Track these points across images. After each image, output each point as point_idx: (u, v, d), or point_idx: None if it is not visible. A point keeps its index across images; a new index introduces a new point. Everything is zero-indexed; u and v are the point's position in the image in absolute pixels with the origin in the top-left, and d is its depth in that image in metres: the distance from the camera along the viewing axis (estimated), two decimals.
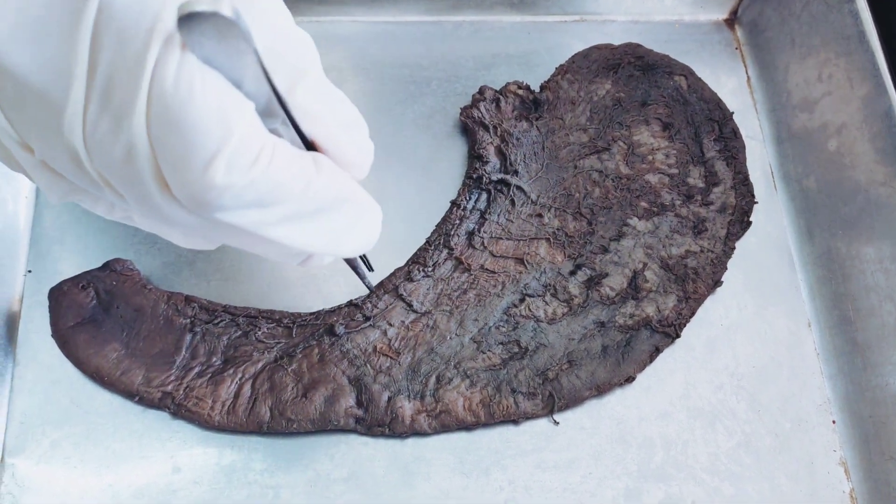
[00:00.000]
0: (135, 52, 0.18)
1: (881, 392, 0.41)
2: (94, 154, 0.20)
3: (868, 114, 0.43)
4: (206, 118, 0.19)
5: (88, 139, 0.20)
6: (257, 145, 0.20)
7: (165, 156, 0.19)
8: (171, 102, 0.18)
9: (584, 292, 0.42)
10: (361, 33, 0.51)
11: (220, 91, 0.19)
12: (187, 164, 0.19)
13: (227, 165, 0.19)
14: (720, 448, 0.40)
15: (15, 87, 0.19)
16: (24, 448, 0.38)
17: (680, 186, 0.46)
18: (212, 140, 0.19)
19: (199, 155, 0.19)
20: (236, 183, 0.20)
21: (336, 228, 0.24)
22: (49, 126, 0.20)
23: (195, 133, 0.19)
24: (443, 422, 0.39)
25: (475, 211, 0.44)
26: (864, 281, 0.43)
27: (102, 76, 0.19)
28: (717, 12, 0.54)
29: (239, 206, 0.21)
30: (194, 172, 0.19)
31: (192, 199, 0.20)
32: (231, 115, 0.19)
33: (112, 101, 0.19)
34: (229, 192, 0.20)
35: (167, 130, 0.19)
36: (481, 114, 0.46)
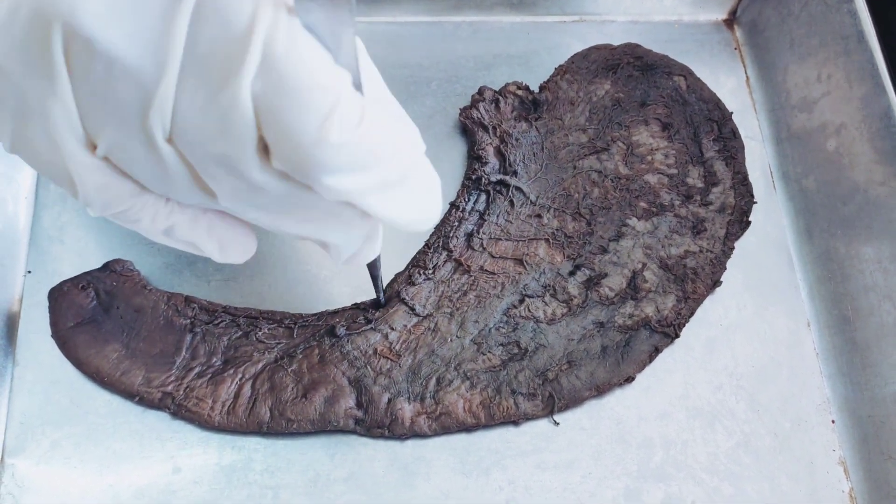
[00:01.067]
0: (242, 22, 0.18)
1: (880, 392, 0.41)
2: (181, 130, 0.20)
3: (867, 114, 0.43)
4: (318, 80, 0.19)
5: (177, 115, 0.20)
6: (360, 105, 0.20)
7: (275, 121, 0.19)
8: (283, 67, 0.19)
9: (584, 293, 0.42)
10: (361, 33, 0.50)
11: (324, 55, 0.19)
12: (300, 124, 0.19)
13: (340, 124, 0.20)
14: (720, 448, 0.41)
15: (106, 67, 0.19)
16: (24, 448, 0.38)
17: (679, 186, 0.46)
18: (325, 100, 0.19)
19: (314, 116, 0.19)
20: (348, 141, 0.20)
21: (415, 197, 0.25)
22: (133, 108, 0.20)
23: (309, 95, 0.19)
24: (443, 424, 0.39)
25: (474, 212, 0.44)
26: (863, 280, 0.43)
27: (203, 49, 0.19)
28: (716, 12, 0.54)
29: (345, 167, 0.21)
30: (309, 132, 0.19)
31: (305, 163, 0.20)
32: (338, 76, 0.20)
33: (213, 73, 0.19)
34: (341, 150, 0.20)
35: (278, 94, 0.19)
36: (480, 114, 0.46)
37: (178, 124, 0.20)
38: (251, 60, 0.19)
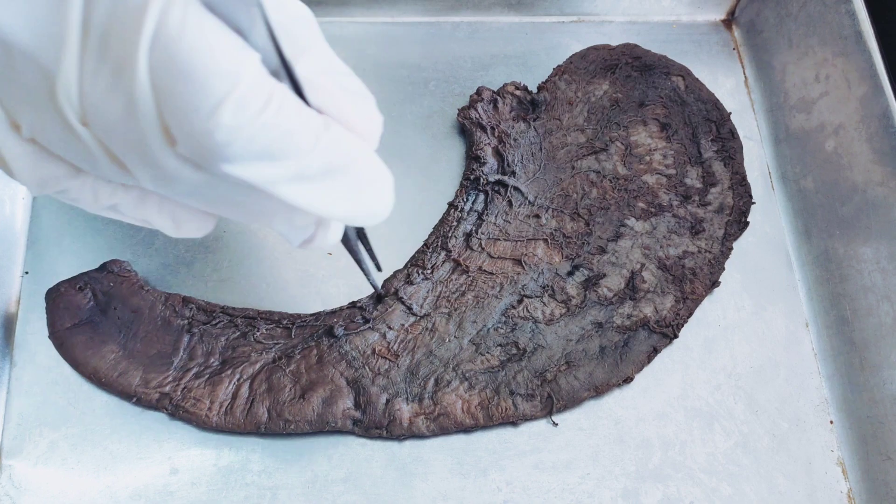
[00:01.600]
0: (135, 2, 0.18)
1: (879, 392, 0.41)
2: (92, 115, 0.20)
3: (865, 114, 0.43)
4: (214, 62, 0.18)
5: (85, 99, 0.19)
6: (266, 91, 0.19)
7: (170, 104, 0.19)
8: (176, 48, 0.18)
9: (582, 293, 0.42)
10: (359, 34, 0.51)
11: (226, 36, 0.19)
12: (194, 109, 0.18)
13: (236, 108, 0.19)
14: (718, 448, 0.41)
15: (4, 51, 0.19)
16: (21, 449, 0.38)
17: (677, 187, 0.46)
18: (220, 84, 0.18)
19: (207, 99, 0.18)
20: (245, 127, 0.19)
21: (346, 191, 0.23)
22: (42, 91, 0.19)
23: (203, 77, 0.18)
24: (441, 424, 0.39)
25: (472, 212, 0.44)
26: (862, 281, 0.43)
27: (98, 29, 0.18)
28: (714, 13, 0.54)
29: (248, 156, 0.20)
30: (201, 117, 0.19)
31: (200, 148, 0.19)
32: (239, 59, 0.19)
33: (110, 53, 0.18)
34: (238, 137, 0.19)
35: (172, 77, 0.18)
36: (479, 115, 0.46)
37: (87, 107, 0.19)
38: (144, 40, 0.18)
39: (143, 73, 0.18)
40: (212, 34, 0.18)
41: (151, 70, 0.18)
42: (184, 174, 0.21)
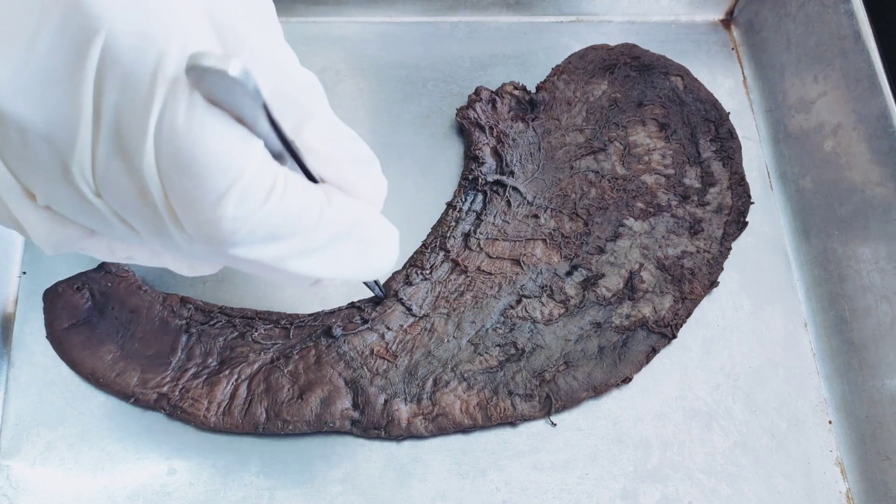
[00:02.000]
0: (141, 93, 0.18)
1: (877, 392, 0.41)
2: (106, 193, 0.20)
3: (864, 114, 0.43)
4: (217, 157, 0.19)
5: (99, 179, 0.20)
6: (269, 179, 0.20)
7: (176, 193, 0.19)
8: (181, 143, 0.18)
9: (581, 293, 0.42)
10: (358, 34, 0.51)
11: (229, 130, 0.19)
12: (198, 201, 0.19)
13: (239, 201, 0.19)
14: (716, 448, 0.40)
15: (19, 134, 0.19)
16: (19, 450, 0.38)
17: (676, 187, 0.46)
18: (223, 178, 0.19)
19: (210, 192, 0.19)
20: (249, 218, 0.20)
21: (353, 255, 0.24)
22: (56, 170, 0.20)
23: (206, 172, 0.19)
24: (440, 425, 0.39)
25: (471, 212, 0.44)
26: (860, 281, 0.43)
27: (109, 119, 0.19)
28: (713, 13, 0.54)
29: (254, 241, 0.21)
30: (205, 209, 0.19)
31: (205, 235, 0.20)
32: (241, 153, 0.19)
33: (121, 142, 0.19)
34: (242, 227, 0.20)
35: (177, 170, 0.19)
36: (477, 114, 0.46)
37: (101, 184, 0.20)
38: (150, 132, 0.18)
39: (151, 162, 0.19)
40: (214, 128, 0.19)
41: (158, 160, 0.19)
42: (194, 248, 0.21)
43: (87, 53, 0.18)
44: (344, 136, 0.24)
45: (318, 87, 0.23)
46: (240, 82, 0.17)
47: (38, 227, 0.23)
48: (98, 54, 0.18)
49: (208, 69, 0.17)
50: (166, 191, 0.19)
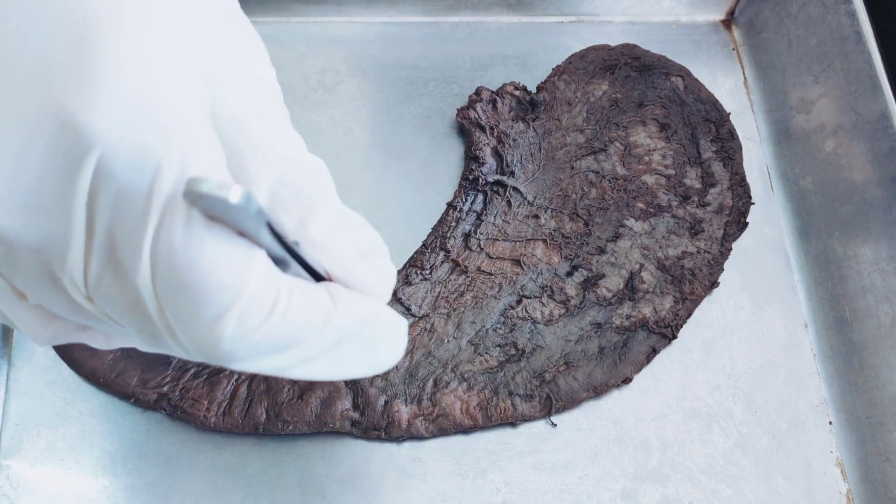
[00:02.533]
0: (136, 212, 0.18)
1: (878, 393, 0.41)
2: (99, 300, 0.19)
3: (865, 115, 0.43)
4: (215, 276, 0.18)
5: (92, 291, 0.19)
6: (272, 295, 0.19)
7: (172, 311, 0.19)
8: (177, 263, 0.18)
9: (581, 293, 0.42)
10: (359, 34, 0.51)
11: (229, 246, 0.18)
12: (196, 320, 0.18)
13: (239, 320, 0.19)
14: (717, 449, 0.40)
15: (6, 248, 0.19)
16: (19, 449, 0.38)
17: (677, 187, 0.46)
18: (221, 298, 0.18)
19: (208, 313, 0.18)
20: (249, 336, 0.19)
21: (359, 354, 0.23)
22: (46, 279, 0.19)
23: (203, 292, 0.18)
24: (440, 426, 0.39)
25: (471, 212, 0.44)
26: (861, 282, 0.43)
27: (102, 235, 0.18)
28: (713, 13, 0.54)
29: (255, 356, 0.20)
30: (203, 329, 0.18)
31: (203, 354, 0.19)
32: (242, 270, 0.18)
33: (115, 258, 0.18)
34: (242, 345, 0.19)
35: (173, 289, 0.18)
36: (478, 115, 0.46)
37: (93, 293, 0.19)
38: (146, 251, 0.18)
39: (146, 280, 0.18)
40: (214, 246, 0.18)
41: (153, 278, 0.18)
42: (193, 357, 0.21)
43: (80, 171, 0.17)
44: (351, 226, 0.23)
45: (326, 174, 0.22)
46: (241, 209, 0.17)
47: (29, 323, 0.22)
48: (91, 172, 0.17)
49: (207, 196, 0.16)
50: (162, 307, 0.19)
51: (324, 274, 0.22)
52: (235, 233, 0.18)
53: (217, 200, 0.16)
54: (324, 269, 0.22)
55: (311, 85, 0.49)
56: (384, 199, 0.45)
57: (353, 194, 0.45)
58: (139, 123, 0.17)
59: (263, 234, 0.18)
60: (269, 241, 0.19)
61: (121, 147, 0.17)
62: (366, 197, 0.45)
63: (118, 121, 0.17)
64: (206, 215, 0.18)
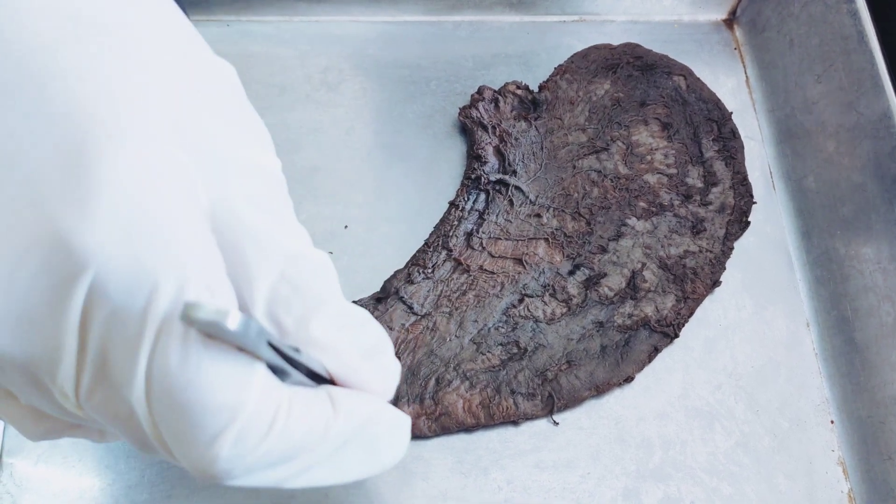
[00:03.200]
0: (131, 332, 0.17)
1: (880, 392, 0.41)
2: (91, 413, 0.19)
3: (866, 114, 0.43)
4: (211, 397, 0.18)
5: (83, 402, 0.19)
6: (271, 411, 0.19)
7: (166, 432, 0.18)
8: (173, 384, 0.17)
9: (583, 292, 0.42)
10: (361, 33, 0.51)
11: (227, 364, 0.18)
12: (191, 441, 0.18)
13: (236, 440, 0.18)
14: (718, 448, 0.41)
15: None
16: (22, 447, 0.38)
17: (679, 186, 0.46)
18: (218, 419, 0.18)
19: (204, 434, 0.18)
20: (247, 456, 0.18)
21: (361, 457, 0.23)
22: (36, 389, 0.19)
23: (200, 413, 0.18)
24: (443, 424, 0.39)
25: (473, 211, 0.44)
26: (863, 281, 0.43)
27: (95, 353, 0.18)
28: (715, 12, 0.54)
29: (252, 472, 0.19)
30: (198, 450, 0.18)
31: (199, 472, 0.19)
32: (240, 388, 0.18)
33: (107, 376, 0.18)
34: (239, 465, 0.19)
35: (168, 410, 0.18)
36: (480, 114, 0.46)
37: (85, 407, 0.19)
38: (140, 372, 0.17)
39: (140, 398, 0.18)
40: (211, 366, 0.17)
41: (148, 398, 0.18)
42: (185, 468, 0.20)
43: (73, 291, 0.17)
44: (354, 324, 0.22)
45: (330, 269, 0.22)
46: (239, 335, 0.16)
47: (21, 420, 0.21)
48: (85, 292, 0.17)
49: (204, 323, 0.16)
50: (156, 426, 0.18)
51: (325, 374, 0.22)
52: (234, 348, 0.18)
53: (215, 326, 0.16)
54: (324, 370, 0.21)
55: (314, 84, 0.49)
56: (386, 198, 0.46)
57: (355, 193, 0.45)
58: (135, 242, 0.17)
59: (263, 349, 0.18)
60: (269, 355, 0.19)
61: (115, 267, 0.17)
62: (368, 196, 0.45)
63: (113, 240, 0.17)
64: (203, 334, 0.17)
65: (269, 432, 0.19)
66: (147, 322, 0.17)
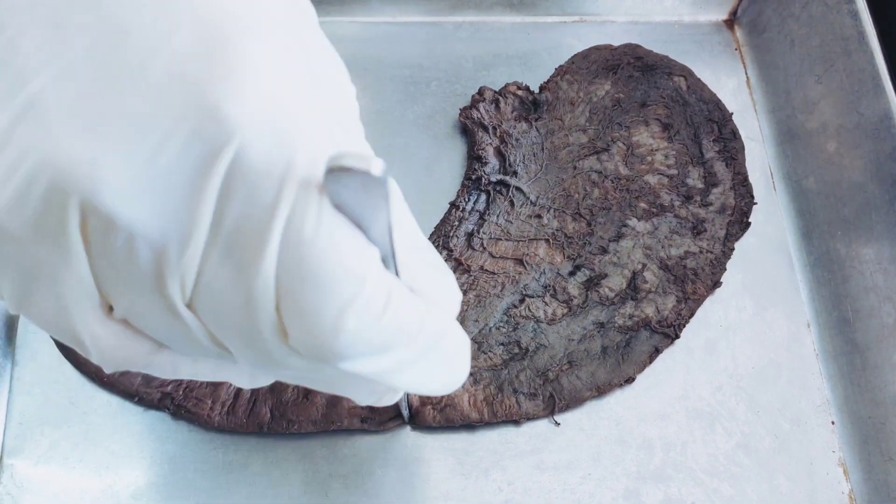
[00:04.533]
0: (267, 201, 0.18)
1: (880, 393, 0.41)
2: (202, 302, 0.19)
3: (867, 115, 0.43)
4: (342, 267, 0.18)
5: (200, 290, 0.19)
6: (386, 290, 0.19)
7: (292, 305, 0.18)
8: (307, 251, 0.18)
9: (584, 293, 0.42)
10: (361, 34, 0.51)
11: (354, 238, 0.18)
12: (318, 313, 0.18)
13: (360, 313, 0.19)
14: (719, 449, 0.41)
15: (125, 241, 0.18)
16: (22, 448, 0.38)
17: (679, 187, 0.46)
18: (347, 289, 0.18)
19: (332, 304, 0.18)
20: (366, 330, 0.19)
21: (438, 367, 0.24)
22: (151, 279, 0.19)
23: (330, 282, 0.18)
24: (448, 416, 0.39)
25: (474, 212, 0.44)
26: (863, 282, 0.43)
27: (229, 225, 0.18)
28: (716, 13, 0.54)
29: (364, 354, 0.20)
30: (325, 322, 0.19)
31: (319, 348, 0.19)
32: (364, 262, 0.19)
33: (237, 249, 0.18)
34: (360, 340, 0.19)
35: (298, 279, 0.18)
36: (480, 114, 0.46)
37: (200, 294, 0.19)
38: (273, 241, 0.18)
39: (269, 273, 0.18)
40: (341, 237, 0.18)
41: (277, 269, 0.18)
42: (290, 361, 0.20)
43: (218, 159, 0.17)
44: (422, 246, 0.23)
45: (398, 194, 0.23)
46: (380, 183, 0.17)
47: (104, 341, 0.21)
48: (228, 161, 0.18)
49: (352, 170, 0.16)
50: (279, 303, 0.19)
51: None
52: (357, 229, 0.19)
53: (360, 175, 0.17)
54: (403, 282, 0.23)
55: None
56: None
57: None
58: (276, 115, 0.18)
59: (379, 224, 0.19)
60: (381, 236, 0.19)
61: (258, 137, 0.18)
62: None
63: (258, 112, 0.18)
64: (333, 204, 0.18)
65: (385, 309, 0.19)
66: (285, 188, 0.17)
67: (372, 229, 0.19)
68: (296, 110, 0.18)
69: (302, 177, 0.18)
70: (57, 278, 0.19)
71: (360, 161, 0.16)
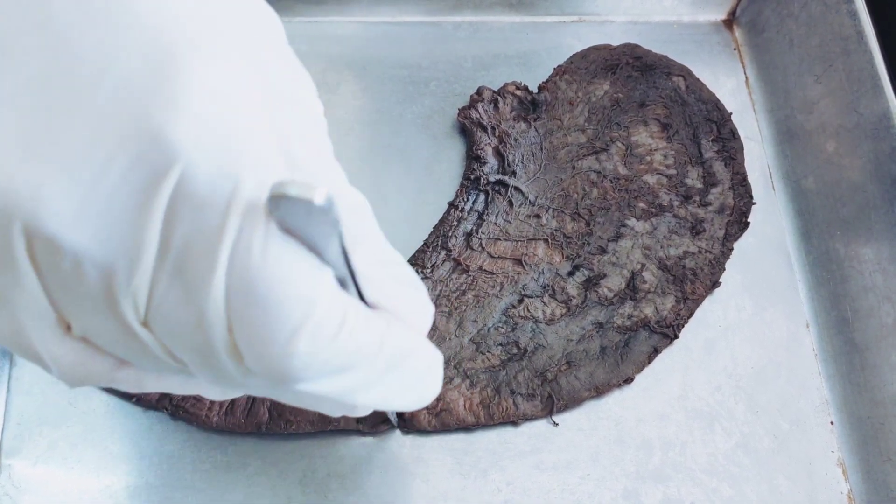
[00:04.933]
0: (213, 224, 0.18)
1: (879, 393, 0.41)
2: (156, 324, 0.19)
3: (866, 115, 0.43)
4: (291, 291, 0.18)
5: (153, 310, 0.19)
6: (340, 311, 0.19)
7: (243, 328, 0.18)
8: (255, 276, 0.18)
9: (583, 293, 0.42)
10: (360, 34, 0.51)
11: (303, 260, 0.18)
12: (268, 337, 0.18)
13: (312, 335, 0.19)
14: (718, 449, 0.40)
15: (72, 263, 0.18)
16: (21, 449, 0.38)
17: (678, 187, 0.46)
18: (297, 312, 0.18)
19: (283, 328, 0.18)
20: (321, 353, 0.19)
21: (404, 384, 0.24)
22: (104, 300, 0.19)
23: (279, 306, 0.18)
24: (443, 420, 0.39)
25: (473, 212, 0.44)
26: (863, 282, 0.43)
27: (176, 248, 0.18)
28: (715, 13, 0.54)
29: (320, 376, 0.20)
30: (276, 345, 0.18)
31: (271, 372, 0.19)
32: (315, 284, 0.19)
33: (185, 272, 0.18)
34: (314, 362, 0.19)
35: (247, 303, 0.18)
36: (479, 114, 0.46)
37: (153, 314, 0.19)
38: (221, 266, 0.18)
39: (219, 296, 0.18)
40: (289, 261, 0.18)
41: (226, 294, 0.18)
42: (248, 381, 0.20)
43: (162, 183, 0.17)
44: (392, 261, 0.23)
45: (367, 208, 0.23)
46: (325, 211, 0.17)
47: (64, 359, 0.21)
48: (173, 185, 0.17)
49: (293, 198, 0.16)
50: (231, 324, 0.18)
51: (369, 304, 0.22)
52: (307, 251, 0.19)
53: (302, 203, 0.16)
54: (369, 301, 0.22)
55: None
56: (386, 199, 0.46)
57: None
58: (222, 138, 0.18)
59: (331, 248, 0.19)
60: (335, 257, 0.19)
61: (203, 160, 0.18)
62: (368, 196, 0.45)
63: (203, 136, 0.18)
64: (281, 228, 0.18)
65: (339, 331, 0.19)
66: (231, 212, 0.17)
67: (326, 251, 0.19)
68: (244, 133, 0.18)
69: (248, 201, 0.18)
70: (10, 299, 0.19)
71: (302, 190, 0.16)
